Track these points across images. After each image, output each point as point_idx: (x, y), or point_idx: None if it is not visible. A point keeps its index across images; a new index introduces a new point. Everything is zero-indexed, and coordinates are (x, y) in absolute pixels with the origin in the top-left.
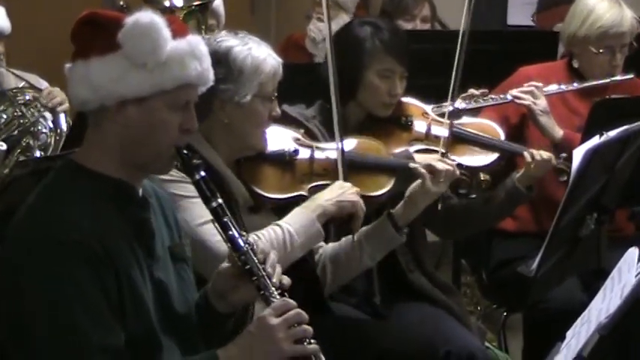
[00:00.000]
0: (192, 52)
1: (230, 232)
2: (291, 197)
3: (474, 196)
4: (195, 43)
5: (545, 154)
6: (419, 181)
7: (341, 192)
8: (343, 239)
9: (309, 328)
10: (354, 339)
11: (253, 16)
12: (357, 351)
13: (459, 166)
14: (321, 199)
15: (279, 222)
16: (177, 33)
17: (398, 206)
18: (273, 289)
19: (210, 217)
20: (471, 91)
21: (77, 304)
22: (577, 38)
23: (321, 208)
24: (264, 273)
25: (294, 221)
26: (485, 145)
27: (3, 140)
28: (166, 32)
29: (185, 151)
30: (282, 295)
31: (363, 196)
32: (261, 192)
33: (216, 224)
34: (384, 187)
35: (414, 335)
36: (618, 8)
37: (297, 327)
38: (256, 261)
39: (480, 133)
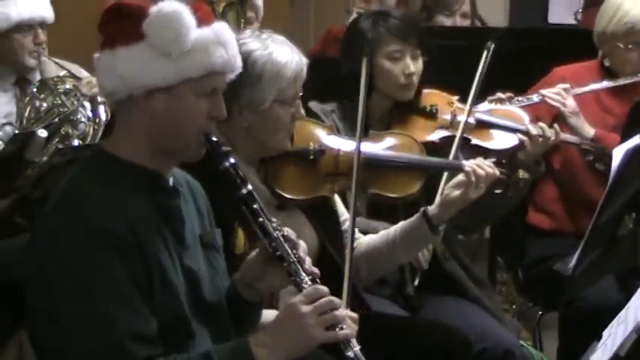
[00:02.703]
0: (218, 40)
1: (260, 219)
2: (313, 198)
3: (510, 194)
4: (221, 30)
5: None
6: (455, 181)
7: None
8: (379, 234)
9: (341, 314)
10: (388, 335)
11: (292, 9)
12: (391, 346)
13: (482, 149)
14: None
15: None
16: (203, 21)
17: (433, 205)
18: (304, 275)
19: None
20: (498, 94)
21: (107, 290)
22: (606, 36)
23: None
24: (295, 259)
25: None
26: (509, 128)
27: (44, 128)
28: (190, 20)
29: (214, 139)
30: (313, 282)
31: (386, 197)
32: (283, 193)
33: (247, 211)
34: (413, 187)
35: (448, 330)
36: None
37: (328, 314)
38: (287, 247)
39: (503, 118)
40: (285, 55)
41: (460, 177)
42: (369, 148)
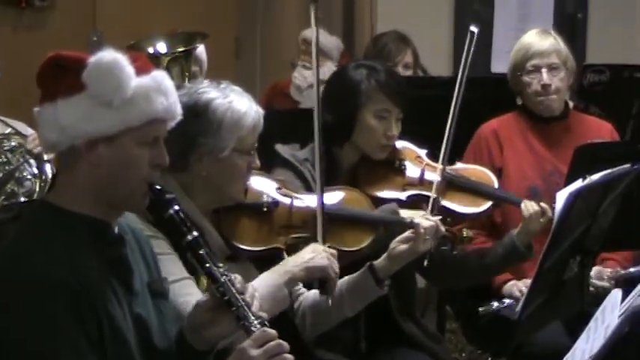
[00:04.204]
0: (158, 87)
1: (207, 264)
2: (267, 250)
3: (455, 252)
4: (161, 78)
5: (540, 206)
6: (403, 237)
7: (311, 256)
8: None
9: (290, 357)
10: None
11: (238, 61)
12: None
13: (451, 212)
14: (290, 263)
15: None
16: (141, 69)
17: (380, 259)
18: (253, 318)
19: (178, 275)
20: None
21: (57, 342)
22: (511, 74)
23: (290, 273)
24: (243, 303)
25: (261, 285)
26: (479, 192)
27: None
28: (129, 69)
29: (158, 187)
30: (262, 325)
31: (342, 251)
32: (236, 244)
33: (193, 257)
34: (364, 241)
35: None
36: (542, 34)
37: (276, 357)
38: (235, 291)
39: (474, 180)
40: (245, 104)
41: (408, 232)
42: (326, 200)
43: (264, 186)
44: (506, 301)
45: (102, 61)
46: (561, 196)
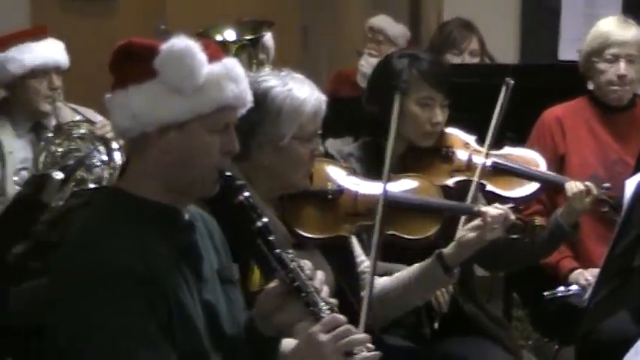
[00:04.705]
0: (229, 75)
1: (277, 251)
2: (332, 238)
3: (527, 240)
4: (232, 65)
5: (585, 185)
6: (471, 225)
7: None
8: (393, 276)
9: (358, 339)
10: None
11: (305, 50)
12: None
13: (497, 196)
14: None
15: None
16: (213, 56)
17: (448, 247)
18: (323, 304)
19: None
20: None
21: (127, 330)
22: (585, 58)
23: None
24: (312, 289)
25: None
26: (524, 175)
27: (59, 170)
28: (202, 56)
29: (228, 174)
30: (330, 311)
31: (407, 239)
32: (301, 232)
33: (263, 243)
34: (430, 229)
35: None
36: (623, 23)
37: (345, 340)
38: (304, 277)
39: (519, 164)
40: (305, 91)
41: (476, 220)
42: (389, 189)
43: (331, 173)
44: (573, 287)
45: (174, 48)
46: (631, 184)
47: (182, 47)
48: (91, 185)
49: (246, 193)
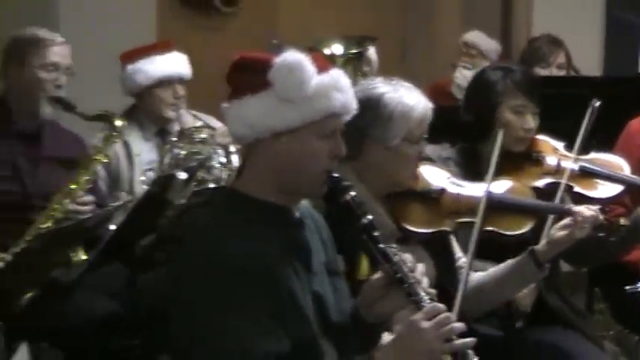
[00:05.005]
0: (336, 85)
1: (381, 245)
2: (435, 232)
3: (612, 238)
4: (338, 76)
5: None
6: (562, 223)
7: None
8: (487, 271)
9: (457, 325)
10: (494, 353)
11: (404, 63)
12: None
13: (585, 197)
14: None
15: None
16: (322, 68)
17: (540, 244)
18: (423, 294)
19: None
20: None
21: (244, 318)
22: None
23: None
24: (414, 280)
25: None
26: (610, 178)
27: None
28: (311, 68)
29: (335, 175)
30: (431, 300)
31: (502, 234)
32: (407, 226)
33: (368, 238)
34: (524, 227)
35: (550, 351)
36: None
37: (446, 327)
38: (406, 270)
39: (605, 167)
40: (414, 98)
41: (567, 219)
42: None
43: (434, 174)
44: None
45: (286, 62)
46: None
47: (293, 60)
48: (211, 185)
49: (352, 193)
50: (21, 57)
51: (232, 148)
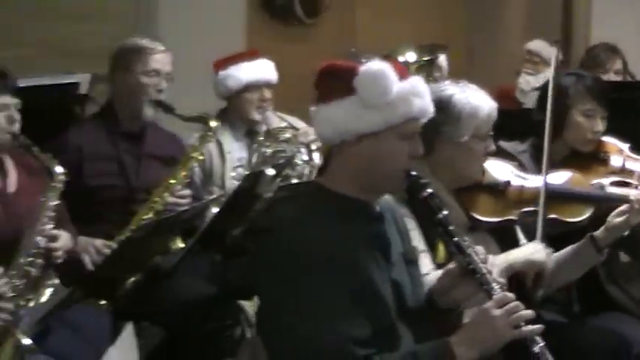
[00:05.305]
0: (415, 91)
1: (455, 238)
2: (503, 221)
3: None
4: (417, 83)
5: None
6: (619, 210)
7: (532, 252)
8: (552, 256)
9: (527, 313)
10: (555, 337)
11: (471, 70)
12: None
13: None
14: (512, 255)
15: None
16: (402, 75)
17: (599, 231)
18: (494, 284)
19: (420, 248)
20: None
21: (330, 305)
22: None
23: (509, 262)
24: (485, 271)
25: None
26: None
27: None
28: (393, 76)
29: (413, 173)
30: (501, 289)
31: (563, 221)
32: (476, 216)
33: (444, 232)
34: (583, 214)
35: (610, 335)
36: None
37: (516, 315)
38: (478, 261)
39: None
40: (480, 98)
41: (624, 206)
42: (551, 181)
43: (500, 168)
44: None
45: (371, 70)
46: None
47: (377, 69)
48: (294, 181)
49: (429, 190)
50: (126, 64)
51: (314, 147)
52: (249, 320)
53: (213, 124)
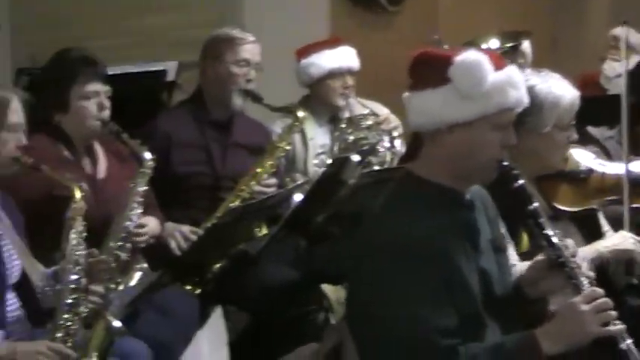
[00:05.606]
0: (511, 82)
1: (546, 231)
2: (584, 210)
3: None
4: (512, 73)
5: None
6: None
7: (620, 241)
8: None
9: (615, 313)
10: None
11: (555, 56)
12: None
13: None
14: (600, 244)
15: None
16: (498, 66)
17: None
18: (583, 278)
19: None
20: None
21: (417, 293)
22: None
23: (598, 252)
24: (574, 265)
25: None
26: None
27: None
28: (489, 67)
29: (506, 163)
30: (590, 284)
31: None
32: (557, 205)
33: (534, 223)
34: None
35: None
36: None
37: (604, 312)
38: (567, 254)
39: None
40: (562, 87)
41: None
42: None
43: (582, 156)
44: None
45: (467, 60)
46: None
47: (473, 59)
48: (376, 167)
49: (521, 181)
50: (217, 54)
51: (395, 134)
52: (332, 306)
53: (300, 114)
